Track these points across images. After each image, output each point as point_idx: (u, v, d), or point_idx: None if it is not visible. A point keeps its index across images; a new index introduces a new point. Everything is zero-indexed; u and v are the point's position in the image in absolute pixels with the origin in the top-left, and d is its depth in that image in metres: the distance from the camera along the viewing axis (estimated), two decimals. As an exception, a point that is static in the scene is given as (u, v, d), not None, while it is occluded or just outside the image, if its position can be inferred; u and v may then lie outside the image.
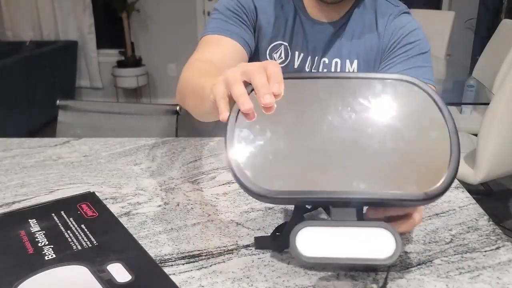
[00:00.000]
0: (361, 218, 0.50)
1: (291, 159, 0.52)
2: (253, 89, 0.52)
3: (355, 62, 0.98)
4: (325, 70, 0.99)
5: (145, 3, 4.21)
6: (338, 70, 0.99)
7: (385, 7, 0.98)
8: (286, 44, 0.99)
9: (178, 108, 1.39)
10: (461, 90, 2.41)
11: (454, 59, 3.73)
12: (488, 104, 1.77)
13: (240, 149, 0.51)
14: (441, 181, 0.49)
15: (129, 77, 4.16)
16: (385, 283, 0.53)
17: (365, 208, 0.55)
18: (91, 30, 4.29)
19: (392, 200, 0.49)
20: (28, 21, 4.29)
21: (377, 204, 0.51)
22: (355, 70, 0.98)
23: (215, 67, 0.83)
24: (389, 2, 0.99)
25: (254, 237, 0.63)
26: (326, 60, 0.99)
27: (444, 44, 3.18)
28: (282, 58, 1.00)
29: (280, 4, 0.98)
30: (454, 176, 0.50)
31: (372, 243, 0.45)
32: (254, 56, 1.01)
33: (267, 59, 1.00)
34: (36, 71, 3.48)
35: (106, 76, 4.46)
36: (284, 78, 0.51)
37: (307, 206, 0.61)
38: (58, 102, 1.42)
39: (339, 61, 0.99)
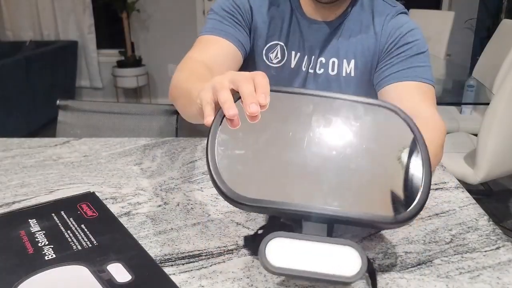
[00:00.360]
0: (330, 234, 0.51)
1: (269, 170, 0.53)
2: (239, 98, 0.53)
3: (352, 62, 0.98)
4: (322, 70, 0.99)
5: (145, 3, 4.21)
6: (336, 69, 0.99)
7: (382, 7, 0.98)
8: (282, 44, 0.99)
9: (178, 108, 1.39)
10: (461, 90, 2.41)
11: (454, 59, 3.73)
12: (488, 104, 1.77)
13: (220, 153, 0.52)
14: (411, 208, 0.51)
15: (129, 77, 4.16)
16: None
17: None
18: (91, 30, 4.29)
19: (362, 220, 0.50)
20: (28, 21, 4.29)
21: (347, 222, 0.52)
22: (352, 70, 0.98)
23: (207, 68, 0.84)
24: (386, 2, 0.98)
25: (244, 237, 0.63)
26: (323, 59, 0.99)
27: (444, 44, 3.18)
28: (278, 58, 1.00)
29: (276, 3, 0.98)
30: (423, 204, 0.52)
31: (339, 260, 0.47)
32: (250, 56, 1.01)
33: (263, 59, 1.00)
34: (36, 71, 3.48)
35: (106, 76, 4.46)
36: (271, 91, 0.53)
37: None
38: (58, 102, 1.42)
39: (336, 61, 0.98)
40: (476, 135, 1.86)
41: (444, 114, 2.67)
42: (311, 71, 1.00)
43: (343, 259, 0.46)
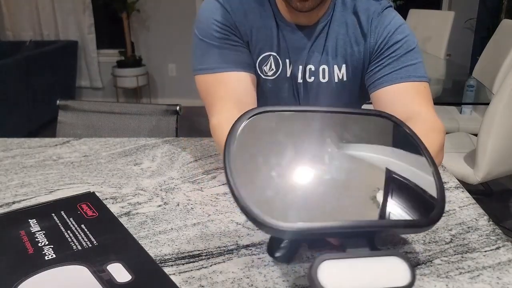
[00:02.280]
0: (373, 247, 0.51)
1: (296, 193, 0.53)
2: (255, 114, 0.55)
3: (344, 67, 0.94)
4: (312, 78, 0.96)
5: (145, 3, 4.21)
6: (327, 76, 0.95)
7: (365, 4, 0.93)
8: (275, 54, 0.94)
9: (178, 108, 1.39)
10: (461, 90, 2.41)
11: (454, 59, 3.73)
12: (488, 104, 1.77)
13: (246, 190, 0.50)
14: (436, 207, 0.53)
15: (129, 77, 4.17)
16: None
17: None
18: (91, 30, 4.29)
19: (400, 225, 0.51)
20: (28, 21, 4.30)
21: (386, 230, 0.53)
22: (345, 75, 0.95)
23: None
24: None
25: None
26: (312, 67, 0.95)
27: (444, 44, 3.18)
28: (273, 69, 0.95)
29: (258, 12, 0.93)
30: (444, 202, 0.53)
31: (388, 272, 0.47)
32: None
33: (258, 73, 0.96)
34: (36, 71, 3.48)
35: (106, 76, 4.46)
36: (280, 111, 0.57)
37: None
38: (58, 102, 1.42)
39: (326, 68, 0.95)
40: (476, 135, 1.86)
41: (444, 114, 2.67)
42: (300, 81, 0.96)
43: (391, 270, 0.47)
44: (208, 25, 0.91)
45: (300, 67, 0.95)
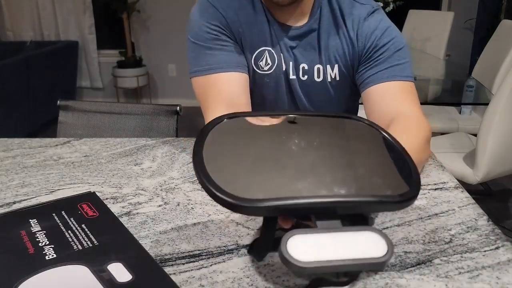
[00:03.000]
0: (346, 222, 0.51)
1: (267, 172, 0.53)
2: (221, 120, 0.60)
3: (336, 66, 0.96)
4: (305, 76, 0.97)
5: (146, 4, 4.21)
6: (321, 76, 0.97)
7: (350, 8, 0.94)
8: (269, 48, 0.95)
9: (178, 108, 1.39)
10: (461, 90, 2.41)
11: (454, 60, 3.74)
12: (487, 104, 1.77)
13: (212, 165, 0.52)
14: (410, 188, 0.54)
15: (130, 78, 4.17)
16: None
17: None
18: (92, 30, 4.30)
19: (371, 202, 0.51)
20: (29, 21, 4.30)
21: (357, 207, 0.52)
22: (337, 75, 0.97)
23: None
24: (355, 0, 0.94)
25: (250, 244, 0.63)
26: (305, 66, 0.96)
27: (443, 45, 3.18)
28: (269, 64, 0.96)
29: (249, 8, 0.94)
30: (419, 183, 0.55)
31: (364, 244, 0.46)
32: None
33: (254, 69, 0.97)
34: (36, 72, 3.48)
35: (106, 76, 4.46)
36: (251, 115, 0.62)
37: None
38: (58, 102, 1.42)
39: (321, 67, 0.96)
40: (475, 135, 1.87)
41: (444, 114, 2.68)
42: (292, 77, 0.98)
43: (367, 243, 0.46)
44: (198, 27, 0.93)
45: (291, 63, 0.97)
